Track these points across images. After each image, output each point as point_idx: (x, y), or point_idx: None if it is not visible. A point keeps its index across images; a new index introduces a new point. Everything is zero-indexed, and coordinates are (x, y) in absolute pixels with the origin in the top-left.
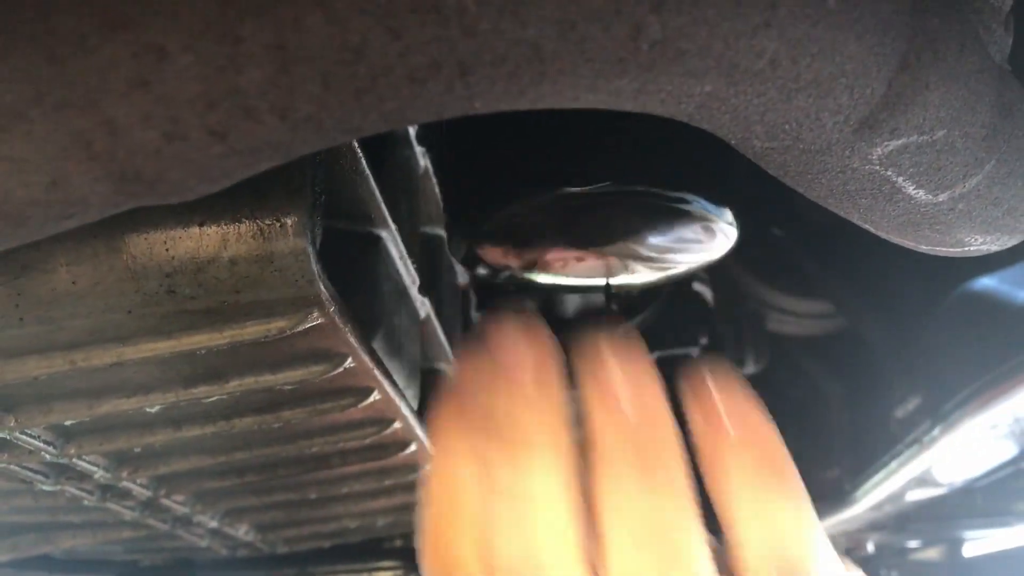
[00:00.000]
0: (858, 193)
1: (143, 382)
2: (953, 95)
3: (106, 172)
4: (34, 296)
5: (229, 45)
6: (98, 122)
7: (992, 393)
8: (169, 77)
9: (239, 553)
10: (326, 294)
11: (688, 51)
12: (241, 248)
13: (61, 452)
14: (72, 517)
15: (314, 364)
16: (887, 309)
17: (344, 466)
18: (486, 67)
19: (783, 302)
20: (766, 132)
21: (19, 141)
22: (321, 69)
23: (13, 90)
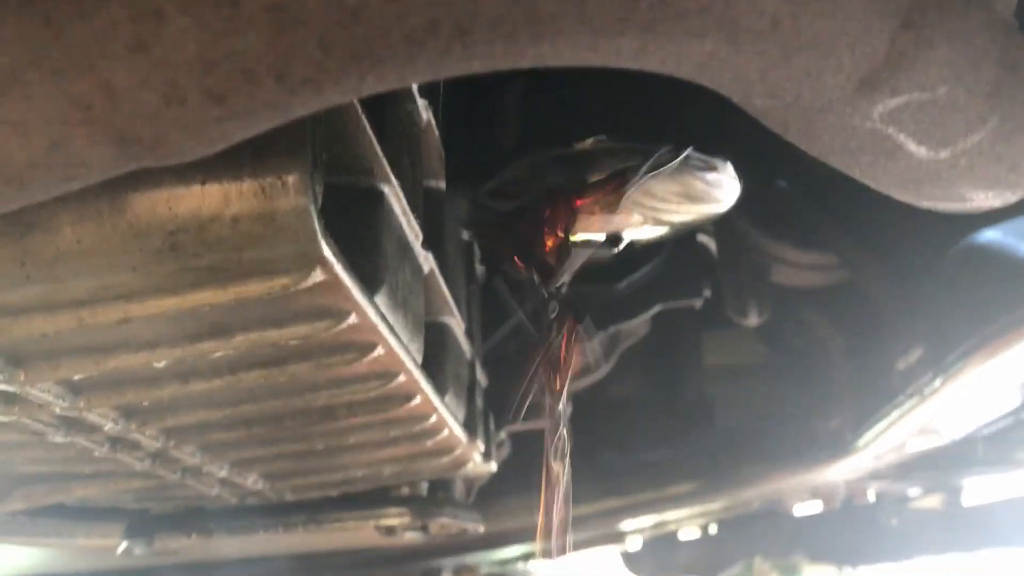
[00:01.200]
0: (859, 150)
1: (150, 338)
2: (957, 52)
3: (106, 135)
4: (40, 255)
5: (227, 7)
6: (97, 85)
7: (994, 345)
8: (167, 40)
9: (248, 501)
10: (328, 251)
11: (689, 10)
12: (243, 206)
13: (71, 406)
14: (83, 468)
15: (318, 320)
16: (890, 261)
17: (350, 418)
18: (484, 28)
19: (787, 254)
20: (767, 91)
21: (18, 104)
22: (319, 31)
23: (10, 54)
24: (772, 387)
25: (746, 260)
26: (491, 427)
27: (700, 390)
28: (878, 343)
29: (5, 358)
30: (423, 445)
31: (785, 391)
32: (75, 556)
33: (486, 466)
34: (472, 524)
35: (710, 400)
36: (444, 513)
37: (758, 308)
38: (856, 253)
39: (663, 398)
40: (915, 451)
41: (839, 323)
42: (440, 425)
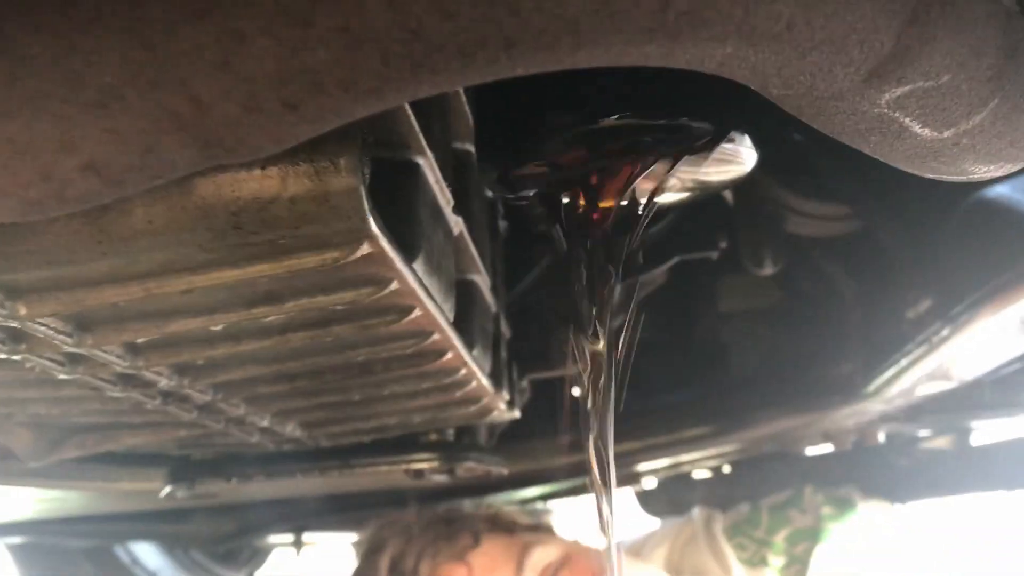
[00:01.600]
0: (868, 131)
1: (209, 304)
2: (959, 43)
3: (192, 140)
4: (114, 234)
5: (301, 28)
6: (186, 98)
7: (1001, 297)
8: (248, 58)
9: (285, 447)
10: (375, 227)
11: (711, 19)
12: (299, 188)
13: (130, 364)
14: (134, 419)
15: (363, 287)
16: (902, 213)
17: (386, 372)
18: (528, 41)
19: (802, 205)
20: (782, 83)
21: (119, 116)
22: (382, 48)
23: (111, 72)
24: (785, 332)
25: (762, 211)
26: (514, 376)
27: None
28: (889, 292)
29: (75, 323)
30: (452, 395)
31: (798, 337)
32: (116, 499)
33: (510, 413)
34: (496, 467)
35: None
36: (470, 458)
37: (773, 258)
38: (869, 204)
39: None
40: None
41: (852, 271)
42: (469, 377)
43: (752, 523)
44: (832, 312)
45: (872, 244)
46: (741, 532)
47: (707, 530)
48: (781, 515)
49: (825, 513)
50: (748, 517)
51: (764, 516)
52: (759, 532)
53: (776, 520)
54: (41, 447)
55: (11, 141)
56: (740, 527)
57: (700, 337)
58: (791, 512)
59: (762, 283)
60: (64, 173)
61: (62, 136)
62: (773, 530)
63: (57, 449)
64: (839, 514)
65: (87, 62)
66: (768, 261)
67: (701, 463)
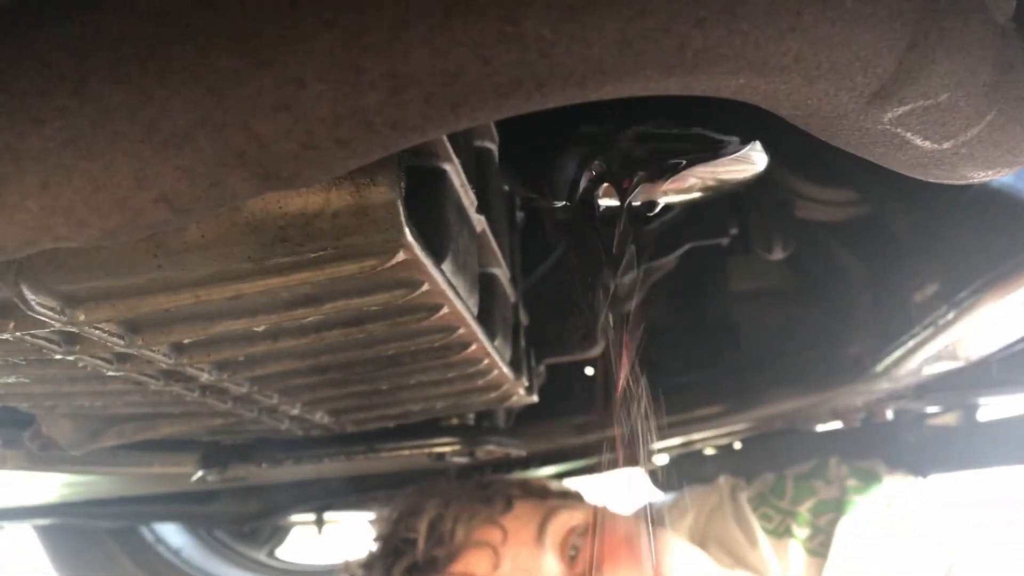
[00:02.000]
0: (872, 144)
1: (252, 307)
2: (956, 64)
3: (254, 174)
4: (169, 248)
5: (353, 75)
6: (249, 138)
7: (1004, 284)
8: (305, 102)
9: (313, 433)
10: (410, 236)
11: (725, 55)
12: (341, 203)
13: (175, 362)
14: (172, 409)
15: (396, 289)
16: (909, 200)
17: (414, 364)
18: (558, 80)
19: (811, 190)
20: (792, 106)
21: (189, 155)
22: (425, 90)
23: (184, 116)
24: (795, 313)
25: (772, 197)
26: (532, 362)
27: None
28: (897, 276)
29: (126, 326)
30: (475, 383)
31: (808, 318)
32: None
33: (529, 398)
34: (515, 449)
35: (735, 325)
36: (490, 441)
37: (783, 243)
38: (877, 191)
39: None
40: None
41: (861, 254)
42: (491, 366)
43: (777, 493)
44: (841, 294)
45: (880, 229)
46: (766, 502)
47: (733, 499)
48: (806, 486)
49: (850, 485)
50: (773, 487)
51: (789, 486)
52: (784, 503)
53: (801, 491)
54: (82, 436)
55: (94, 178)
56: (765, 497)
57: (712, 318)
58: (816, 483)
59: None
60: (139, 204)
61: (138, 173)
62: (798, 500)
63: (97, 438)
64: (864, 486)
65: (161, 109)
66: (778, 246)
67: (713, 441)
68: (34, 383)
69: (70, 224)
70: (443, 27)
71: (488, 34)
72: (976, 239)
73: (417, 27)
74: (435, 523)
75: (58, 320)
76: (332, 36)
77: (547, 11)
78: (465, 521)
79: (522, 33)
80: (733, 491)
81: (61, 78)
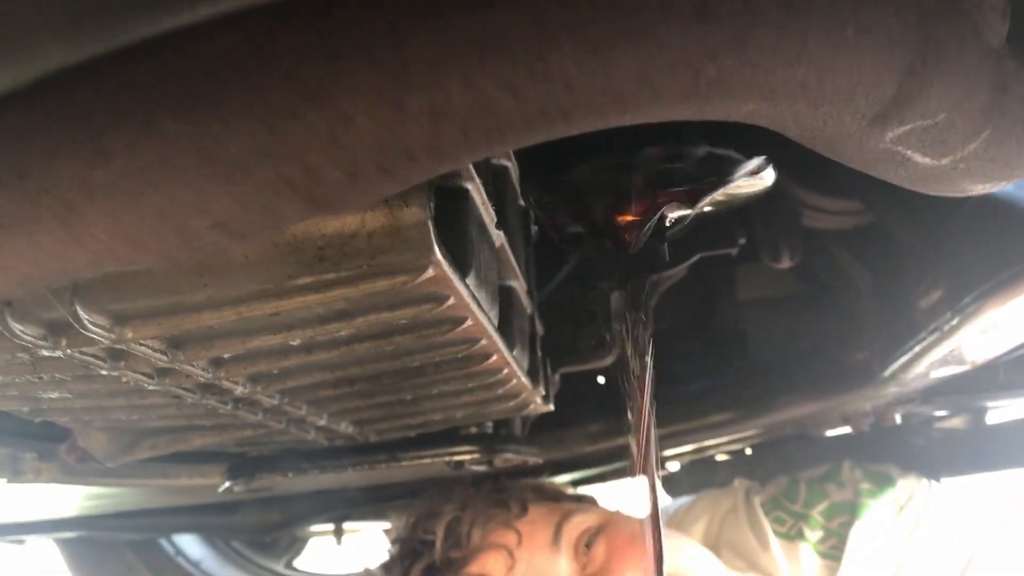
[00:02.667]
0: (874, 162)
1: (288, 322)
2: (954, 85)
3: (303, 200)
4: (215, 268)
5: (396, 110)
6: (300, 168)
7: (1007, 290)
8: (352, 135)
9: (337, 443)
10: (439, 254)
11: (736, 85)
12: (376, 224)
13: (212, 376)
14: (205, 421)
15: (424, 303)
16: (912, 208)
17: (437, 374)
18: (581, 110)
19: (816, 201)
20: (798, 128)
21: (243, 183)
22: (462, 123)
23: (240, 148)
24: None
25: (778, 208)
26: (548, 371)
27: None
28: (902, 283)
29: (169, 342)
30: (494, 392)
31: (816, 324)
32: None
33: (546, 406)
34: (532, 457)
35: (744, 332)
36: (508, 449)
37: (790, 251)
38: (881, 200)
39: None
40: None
41: (867, 262)
42: (510, 376)
43: (790, 497)
44: (848, 301)
45: (885, 238)
46: (779, 506)
47: (747, 503)
48: (819, 489)
49: (863, 489)
50: (786, 490)
51: (802, 490)
52: (796, 506)
53: (813, 494)
54: (117, 449)
55: (157, 207)
56: (778, 500)
57: (721, 326)
58: (829, 486)
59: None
60: (197, 230)
61: (197, 201)
62: (810, 504)
63: (132, 450)
64: (877, 490)
65: (219, 141)
66: (785, 255)
67: (724, 447)
68: (76, 398)
69: (134, 249)
70: (478, 65)
71: (519, 71)
72: (978, 247)
73: (454, 65)
74: (452, 525)
75: (107, 337)
76: (376, 74)
77: (572, 49)
78: (481, 524)
79: (549, 69)
80: (747, 495)
81: (128, 115)
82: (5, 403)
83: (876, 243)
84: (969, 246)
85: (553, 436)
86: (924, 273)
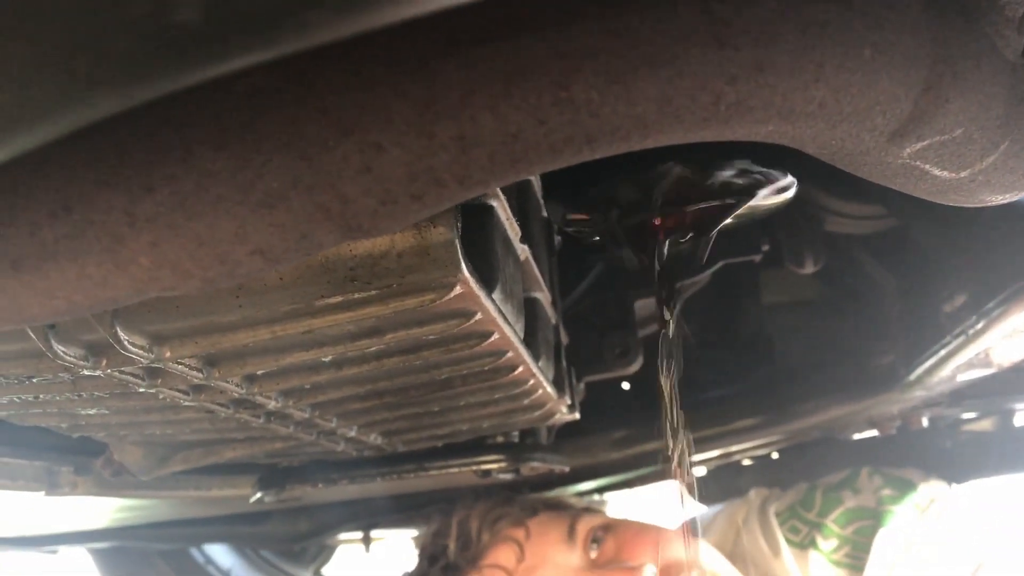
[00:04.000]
0: (893, 176)
1: (320, 339)
2: (970, 101)
3: (338, 227)
4: (250, 290)
5: (426, 139)
6: (335, 197)
7: None
8: (384, 164)
9: (365, 454)
10: (467, 272)
11: (755, 107)
12: (405, 244)
13: (246, 391)
14: (237, 434)
15: (452, 319)
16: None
17: (464, 386)
18: (606, 135)
19: (839, 206)
20: (817, 146)
21: (282, 213)
22: (489, 150)
23: (277, 179)
24: (829, 325)
25: (802, 213)
26: (573, 380)
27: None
28: (926, 287)
29: (205, 360)
30: (521, 403)
31: (841, 329)
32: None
33: (571, 415)
34: (558, 465)
35: (769, 337)
36: (534, 457)
37: (814, 257)
38: (904, 205)
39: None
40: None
41: (891, 266)
42: (536, 386)
43: (806, 505)
44: (873, 305)
45: (908, 241)
46: (795, 514)
47: (761, 512)
48: (834, 496)
49: (885, 495)
50: (803, 499)
51: (818, 498)
52: (811, 514)
53: (828, 501)
54: (151, 462)
55: (198, 236)
56: (794, 509)
57: (746, 332)
58: (844, 492)
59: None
60: (237, 257)
61: (237, 230)
62: (825, 512)
63: (165, 463)
64: (899, 496)
65: (258, 173)
66: (809, 260)
67: (750, 452)
68: (113, 414)
69: (176, 276)
70: (504, 94)
71: (544, 99)
72: (1002, 250)
73: (482, 95)
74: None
75: (146, 357)
76: (407, 105)
77: (595, 77)
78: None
79: (573, 97)
80: (763, 504)
81: (169, 149)
82: (45, 419)
83: (900, 247)
84: (993, 250)
85: (578, 444)
86: (948, 277)
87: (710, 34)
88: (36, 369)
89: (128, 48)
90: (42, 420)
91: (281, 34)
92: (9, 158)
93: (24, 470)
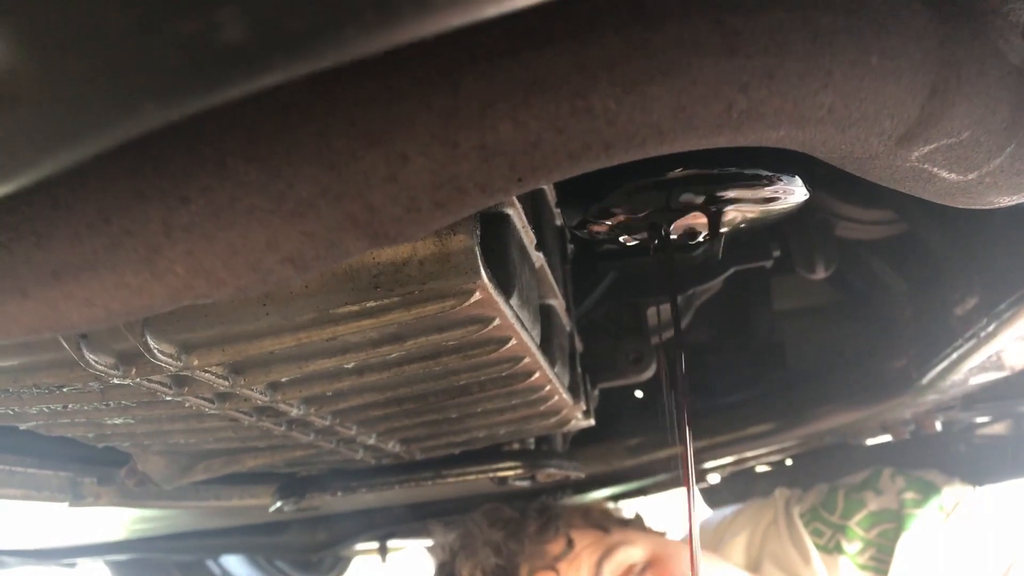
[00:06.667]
0: (902, 179)
1: (343, 346)
2: (976, 105)
3: (365, 235)
4: (276, 298)
5: (449, 148)
6: (362, 205)
7: None
8: (409, 173)
9: (384, 461)
10: (486, 278)
11: (767, 113)
12: (426, 251)
13: (269, 399)
14: (259, 443)
15: (471, 325)
16: (945, 216)
17: (481, 392)
18: (622, 142)
19: (849, 211)
20: (827, 150)
21: (312, 222)
22: (510, 158)
23: (307, 189)
24: (840, 330)
25: (811, 219)
26: (588, 387)
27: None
28: (938, 290)
29: (231, 368)
30: (537, 409)
31: (853, 333)
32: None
33: (586, 421)
34: (574, 471)
35: (781, 343)
36: (550, 464)
37: (825, 262)
38: (913, 208)
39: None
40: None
41: (901, 270)
42: (552, 392)
43: (828, 507)
44: (884, 310)
45: (919, 245)
46: (818, 516)
47: (787, 515)
48: (856, 498)
49: (908, 498)
50: (825, 500)
51: (840, 499)
52: (834, 517)
53: (851, 503)
54: (174, 472)
55: (232, 245)
56: (817, 511)
57: (758, 338)
58: (867, 494)
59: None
60: (268, 265)
61: (269, 239)
62: (848, 514)
63: (188, 473)
64: (922, 498)
65: (289, 183)
66: (820, 266)
67: (764, 458)
68: (138, 423)
69: (210, 284)
70: (524, 104)
71: (562, 108)
72: (1013, 253)
73: (502, 106)
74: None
75: (175, 366)
76: (430, 116)
77: (612, 86)
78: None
79: (591, 106)
80: (787, 506)
81: (203, 161)
82: (72, 429)
83: (910, 251)
84: (1003, 252)
85: (593, 450)
86: (959, 280)
87: (722, 44)
88: (67, 378)
89: (176, 65)
90: (69, 430)
91: (321, 50)
92: (59, 170)
93: (49, 481)
